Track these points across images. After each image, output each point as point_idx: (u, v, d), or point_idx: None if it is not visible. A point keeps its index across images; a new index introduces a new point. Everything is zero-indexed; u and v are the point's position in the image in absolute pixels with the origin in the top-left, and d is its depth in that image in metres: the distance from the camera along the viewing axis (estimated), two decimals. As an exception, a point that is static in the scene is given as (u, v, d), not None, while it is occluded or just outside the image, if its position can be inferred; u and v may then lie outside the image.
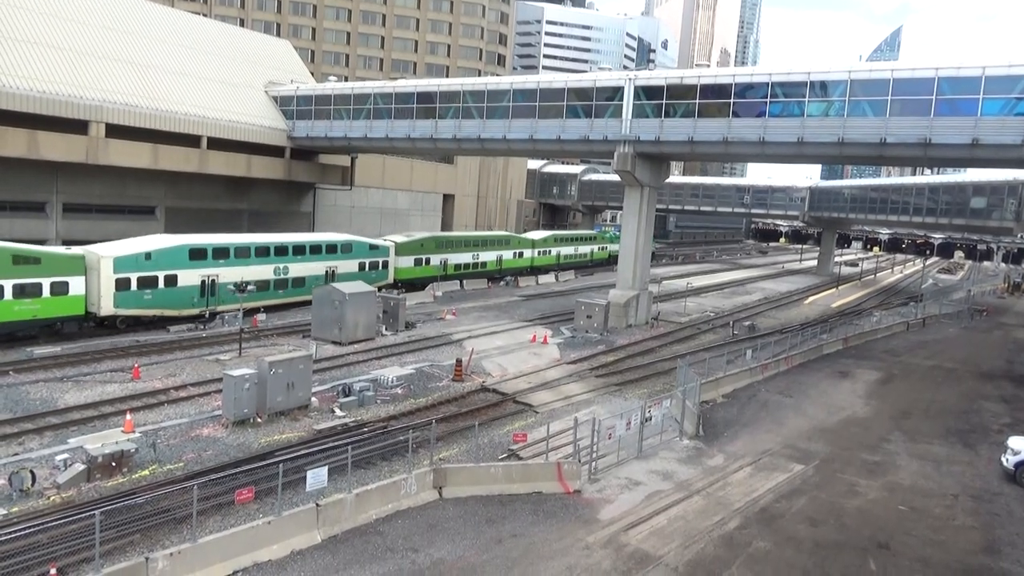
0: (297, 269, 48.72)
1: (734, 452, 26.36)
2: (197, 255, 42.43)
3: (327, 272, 50.45)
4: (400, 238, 60.15)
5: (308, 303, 44.56)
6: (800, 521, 20.85)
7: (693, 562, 18.09)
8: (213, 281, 42.92)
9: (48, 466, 21.46)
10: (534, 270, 77.01)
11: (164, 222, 55.26)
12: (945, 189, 79.45)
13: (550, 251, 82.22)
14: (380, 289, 51.00)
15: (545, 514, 20.30)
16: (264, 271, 46.23)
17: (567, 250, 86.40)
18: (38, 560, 16.04)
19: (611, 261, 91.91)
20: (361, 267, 53.58)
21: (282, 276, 47.65)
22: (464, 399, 31.29)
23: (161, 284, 40.18)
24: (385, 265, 56.10)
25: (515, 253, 75.42)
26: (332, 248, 51.70)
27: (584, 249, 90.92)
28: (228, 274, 43.77)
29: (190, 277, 41.90)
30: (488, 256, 70.57)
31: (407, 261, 59.26)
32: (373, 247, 55.14)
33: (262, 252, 46.40)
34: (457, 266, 65.55)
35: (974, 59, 37.57)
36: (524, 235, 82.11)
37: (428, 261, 61.54)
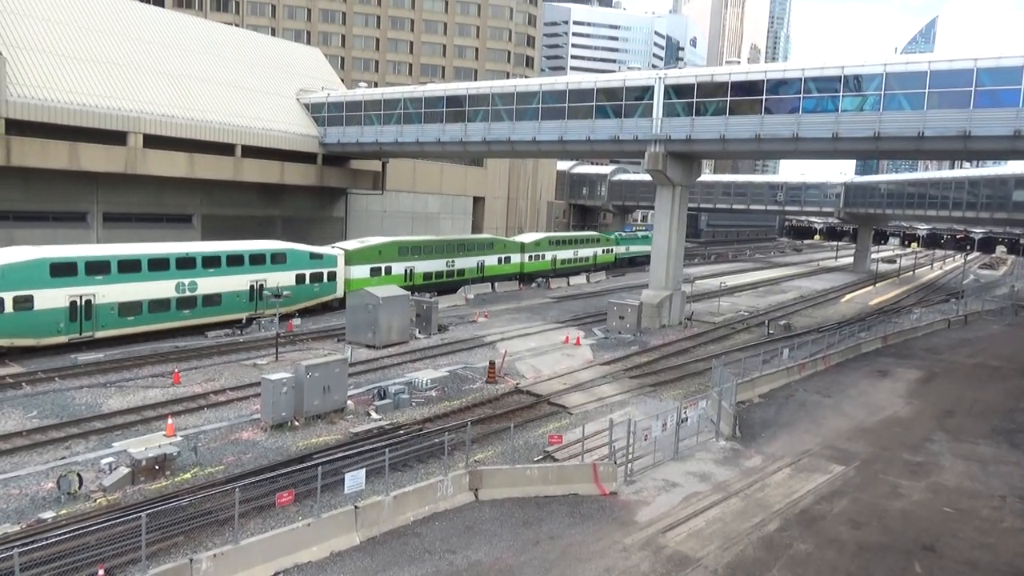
0: (209, 285, 41.24)
1: (772, 453, 26.03)
2: (62, 271, 35.16)
3: (252, 287, 43.34)
4: (353, 244, 53.84)
5: (228, 324, 42.13)
6: (842, 523, 20.51)
7: (733, 564, 17.90)
8: (88, 302, 35.82)
9: (94, 469, 21.96)
10: (524, 277, 70.83)
11: (200, 230, 56.29)
12: (986, 182, 77.60)
13: (543, 255, 74.44)
14: (325, 303, 48.64)
15: (582, 516, 20.24)
16: (161, 288, 38.99)
17: (565, 254, 78.47)
18: (87, 561, 16.40)
19: (618, 265, 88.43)
20: (299, 279, 46.25)
21: (187, 294, 40.19)
22: (498, 401, 31.34)
23: (8, 307, 32.94)
24: (332, 277, 48.98)
25: (500, 258, 68.01)
26: (258, 258, 44.09)
27: (585, 252, 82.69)
28: (110, 293, 36.75)
29: (52, 298, 34.59)
30: (467, 263, 63.23)
31: (361, 271, 52.12)
32: (315, 256, 48.06)
33: (158, 265, 39.05)
34: (427, 275, 58.17)
35: (1014, 48, 36.67)
36: (513, 238, 75.17)
37: (388, 271, 54.37)
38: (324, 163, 62.15)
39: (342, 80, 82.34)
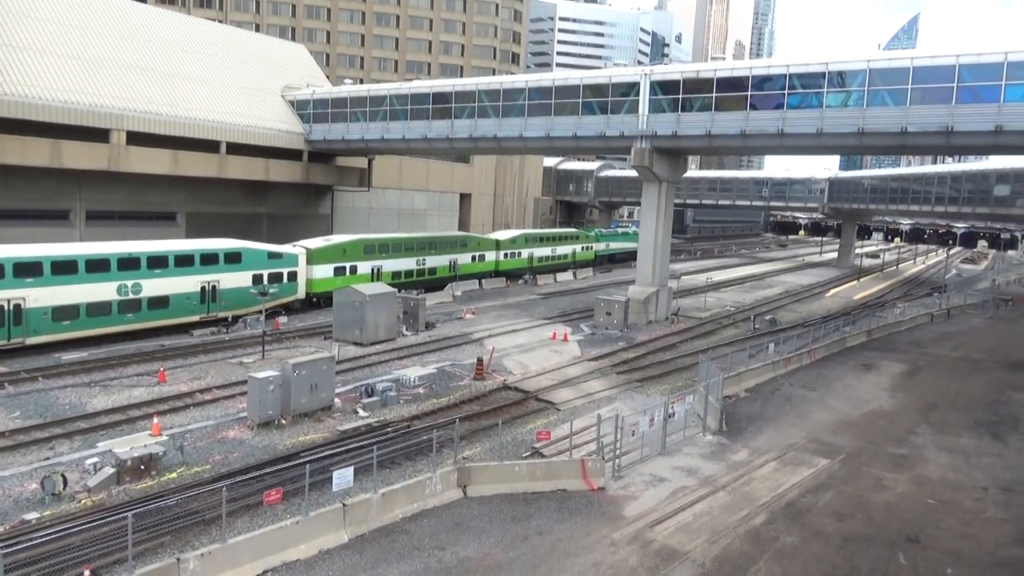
0: (156, 287, 38.97)
1: (758, 447, 26.22)
2: None
3: (204, 288, 41.30)
4: (316, 243, 51.64)
5: (175, 329, 40.12)
6: (827, 516, 20.70)
7: (720, 557, 18.03)
8: (17, 306, 33.58)
9: (79, 470, 21.78)
10: (500, 276, 69.09)
11: (185, 228, 55.87)
12: (967, 177, 78.32)
13: (519, 253, 72.69)
14: (285, 305, 46.45)
15: (570, 511, 20.31)
16: (101, 290, 36.66)
17: (542, 251, 76.71)
18: (72, 562, 16.30)
19: (598, 262, 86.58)
20: (256, 280, 43.86)
21: (131, 296, 37.86)
22: (486, 398, 31.36)
23: None
24: (293, 277, 46.75)
25: (475, 256, 66.37)
26: (210, 258, 41.79)
27: (564, 250, 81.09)
28: (41, 296, 34.43)
29: None
30: (438, 261, 61.31)
31: (325, 271, 50.13)
32: (274, 255, 45.73)
33: (97, 266, 36.56)
34: (396, 274, 55.92)
35: (995, 45, 37.03)
36: (487, 235, 73.17)
37: (354, 270, 52.37)
38: (310, 160, 61.83)
39: (327, 77, 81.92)
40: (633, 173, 58.55)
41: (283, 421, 26.61)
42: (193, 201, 56.69)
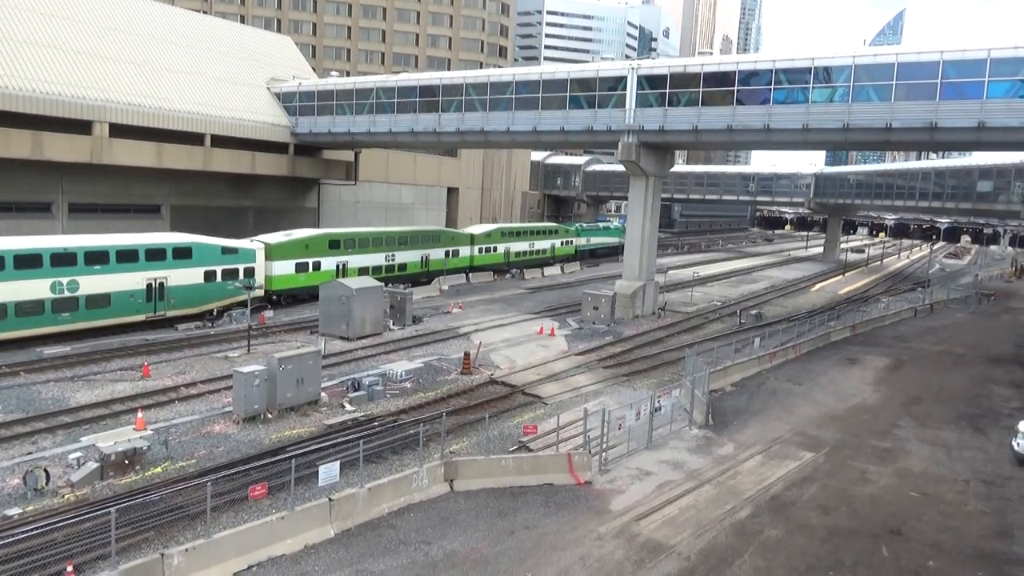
0: (95, 284, 36.40)
1: (744, 441, 26.37)
2: None
3: (150, 286, 38.74)
4: (276, 237, 49.00)
5: (117, 329, 37.70)
6: (811, 509, 20.87)
7: (705, 551, 18.13)
8: None
9: (61, 465, 21.59)
10: (475, 271, 66.91)
11: (170, 221, 55.42)
12: (951, 173, 79.01)
13: (495, 248, 70.93)
14: (242, 303, 41.60)
15: (557, 505, 20.35)
16: (32, 288, 34.03)
17: (519, 246, 74.92)
18: (54, 558, 16.16)
19: (579, 257, 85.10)
20: (208, 276, 41.72)
21: (66, 295, 35.18)
22: (473, 392, 31.35)
23: None
24: (250, 273, 43.87)
25: (448, 252, 64.34)
26: (156, 253, 39.29)
27: (542, 244, 79.44)
28: None
29: None
30: (409, 257, 59.32)
31: (285, 267, 47.78)
32: (229, 251, 43.06)
33: (28, 262, 34.04)
34: (363, 270, 53.56)
35: (979, 41, 37.30)
36: (462, 230, 71.44)
37: (317, 266, 50.20)
38: (296, 153, 61.44)
39: (313, 69, 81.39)
40: (621, 168, 58.58)
41: (269, 416, 26.49)
42: (178, 194, 56.22)
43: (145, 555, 16.13)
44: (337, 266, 51.96)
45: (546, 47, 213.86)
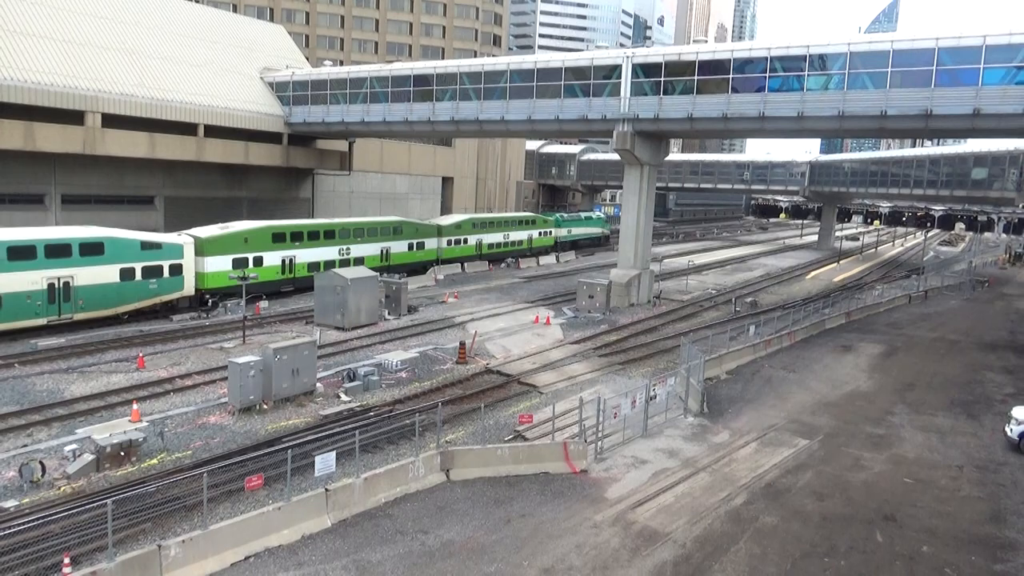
0: None
1: (739, 428, 26.46)
2: None
3: (53, 286, 34.90)
4: (210, 231, 44.83)
5: (14, 334, 33.92)
6: (806, 496, 20.97)
7: (701, 538, 18.22)
8: None
9: (57, 457, 21.56)
10: (444, 265, 63.54)
11: (163, 211, 55.21)
12: (946, 161, 79.11)
13: (465, 239, 67.07)
14: (169, 303, 40.64)
15: (553, 494, 20.42)
16: None
17: (493, 238, 71.25)
18: (51, 550, 16.16)
19: (559, 249, 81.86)
20: (125, 275, 37.79)
21: None
22: (469, 381, 31.38)
23: None
24: (176, 270, 40.39)
25: (412, 244, 60.33)
26: (60, 250, 35.26)
27: (519, 235, 76.00)
28: None
29: None
30: (366, 250, 54.94)
31: (220, 263, 43.42)
32: (150, 246, 39.18)
33: None
34: (312, 266, 49.82)
35: (974, 28, 37.26)
36: (429, 221, 67.05)
37: (259, 261, 46.17)
38: (290, 143, 61.19)
39: (307, 59, 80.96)
40: (615, 156, 58.50)
41: (264, 406, 26.48)
42: (172, 185, 56.00)
43: (142, 547, 16.12)
44: (283, 262, 48.05)
45: (540, 35, 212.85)
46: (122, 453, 21.22)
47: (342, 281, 39.41)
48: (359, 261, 53.36)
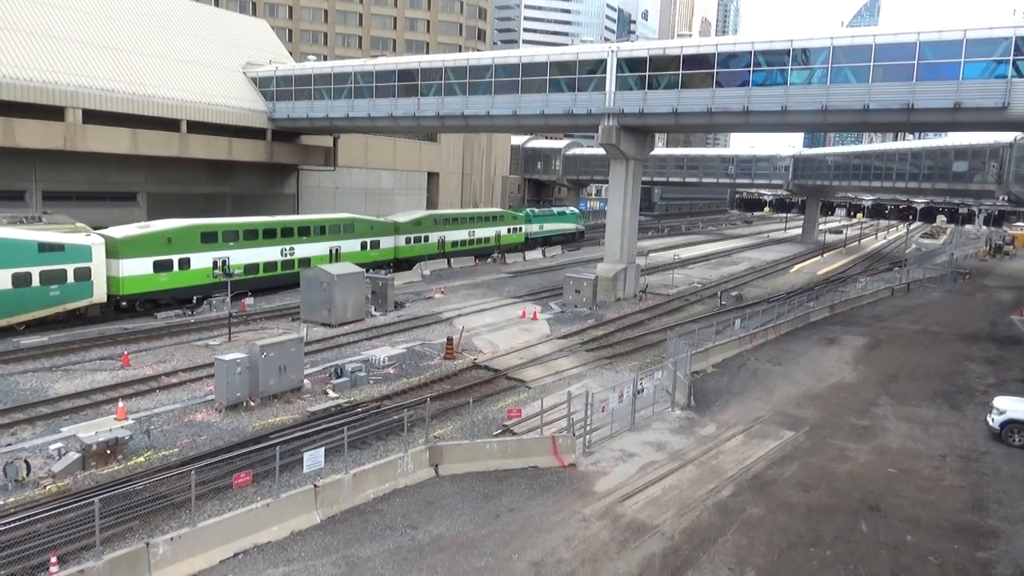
0: None
1: (726, 421, 26.66)
2: None
3: None
4: (128, 230, 40.65)
5: None
6: (792, 487, 21.17)
7: (689, 530, 18.36)
8: None
9: (42, 456, 21.40)
10: (400, 264, 59.78)
11: (147, 208, 54.72)
12: (927, 154, 79.82)
13: (426, 237, 63.31)
14: (76, 312, 36.93)
15: (541, 488, 20.49)
16: None
17: (457, 235, 67.74)
18: (37, 549, 16.05)
19: (529, 246, 78.65)
20: (19, 281, 33.66)
21: None
22: (456, 377, 31.39)
23: None
24: (84, 275, 36.38)
25: (365, 243, 56.02)
26: None
27: (485, 232, 72.35)
28: None
29: None
30: (312, 250, 50.70)
31: (139, 266, 39.40)
32: (49, 247, 34.86)
33: None
34: (251, 267, 45.99)
35: (955, 22, 37.62)
36: (385, 218, 62.38)
37: (185, 263, 41.84)
38: (274, 139, 60.80)
39: (290, 53, 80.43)
40: (601, 151, 58.46)
41: (252, 403, 26.37)
42: (155, 181, 55.52)
43: (130, 545, 16.05)
44: (214, 263, 43.47)
45: (525, 30, 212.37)
46: (108, 451, 21.09)
47: (328, 277, 39.27)
48: (305, 262, 48.86)
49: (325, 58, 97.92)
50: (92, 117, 47.30)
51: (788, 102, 41.24)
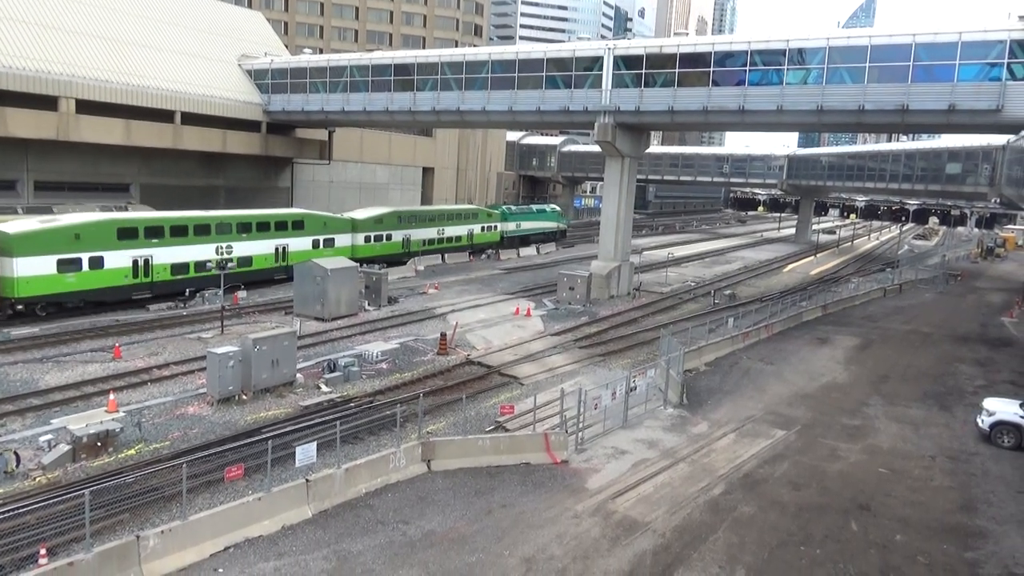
0: None
1: (718, 419, 26.73)
2: None
3: None
4: (28, 225, 36.46)
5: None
6: (783, 485, 21.25)
7: (680, 528, 18.41)
8: None
9: (32, 447, 21.29)
10: (359, 263, 48.68)
11: (139, 199, 54.44)
12: (921, 155, 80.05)
13: (388, 236, 58.36)
14: None
15: (533, 484, 20.51)
16: None
17: (423, 233, 62.90)
18: (27, 541, 15.98)
19: (506, 245, 74.75)
20: None
21: None
22: (450, 372, 31.37)
23: None
24: None
25: (316, 241, 51.25)
26: None
27: (456, 231, 67.66)
28: None
29: None
30: (256, 248, 46.34)
31: (38, 265, 35.14)
32: None
33: None
34: (177, 268, 41.69)
35: (950, 25, 37.73)
36: (341, 214, 57.06)
37: (98, 262, 37.61)
38: (268, 132, 60.59)
39: (286, 46, 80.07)
40: (596, 148, 58.35)
41: (244, 397, 26.30)
42: (148, 172, 55.24)
43: (120, 537, 16.00)
44: (134, 262, 39.40)
45: (521, 26, 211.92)
46: (99, 443, 21.01)
47: (322, 271, 39.16)
48: (245, 261, 45.19)
49: (321, 51, 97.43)
50: (85, 107, 47.03)
51: (784, 102, 41.30)
